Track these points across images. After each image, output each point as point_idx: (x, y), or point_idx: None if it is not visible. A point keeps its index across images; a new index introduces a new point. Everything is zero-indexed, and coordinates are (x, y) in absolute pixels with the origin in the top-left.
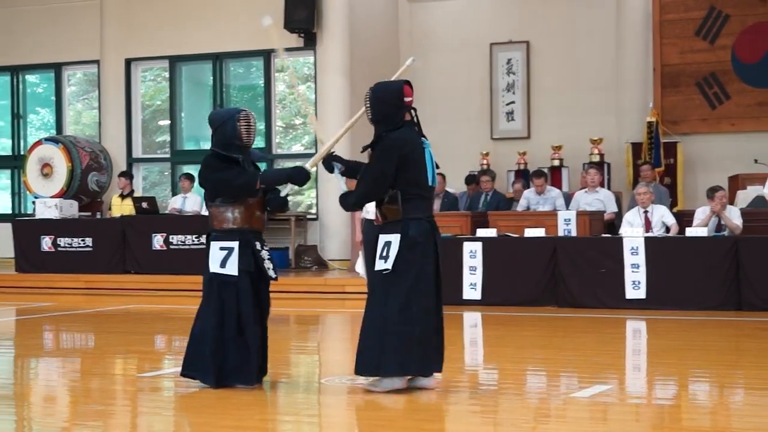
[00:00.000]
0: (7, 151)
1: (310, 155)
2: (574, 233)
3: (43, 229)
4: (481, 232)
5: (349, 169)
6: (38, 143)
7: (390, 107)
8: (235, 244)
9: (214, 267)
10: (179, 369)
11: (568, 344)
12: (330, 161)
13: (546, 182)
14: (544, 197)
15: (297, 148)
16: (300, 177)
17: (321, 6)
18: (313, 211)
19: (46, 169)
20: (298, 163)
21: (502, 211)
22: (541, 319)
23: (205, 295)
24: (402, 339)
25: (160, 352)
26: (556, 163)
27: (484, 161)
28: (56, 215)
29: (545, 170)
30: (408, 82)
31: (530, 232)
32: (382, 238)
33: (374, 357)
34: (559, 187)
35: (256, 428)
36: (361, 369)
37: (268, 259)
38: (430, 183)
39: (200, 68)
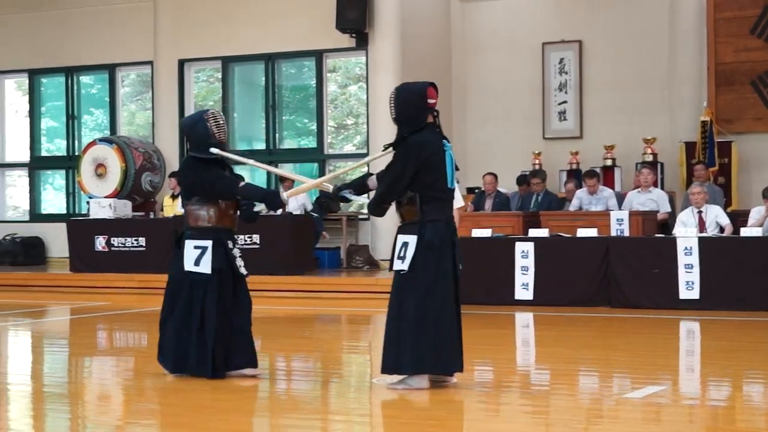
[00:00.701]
0: (62, 152)
1: (361, 155)
2: (626, 233)
3: (97, 229)
4: (533, 232)
5: (359, 187)
6: (92, 144)
7: (413, 108)
8: (208, 243)
9: (188, 265)
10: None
11: (620, 345)
12: (338, 195)
13: (598, 182)
14: (597, 197)
15: (349, 148)
16: (273, 202)
17: (373, 6)
18: (365, 211)
19: (100, 170)
20: (349, 163)
21: (554, 211)
22: (593, 320)
23: (175, 289)
24: (418, 338)
25: None
26: (609, 162)
27: (536, 161)
28: (110, 215)
29: (597, 170)
30: (433, 84)
31: (582, 232)
32: (400, 239)
33: (393, 356)
34: (612, 187)
35: (307, 427)
36: (383, 368)
37: (240, 256)
38: (449, 185)
39: (252, 69)
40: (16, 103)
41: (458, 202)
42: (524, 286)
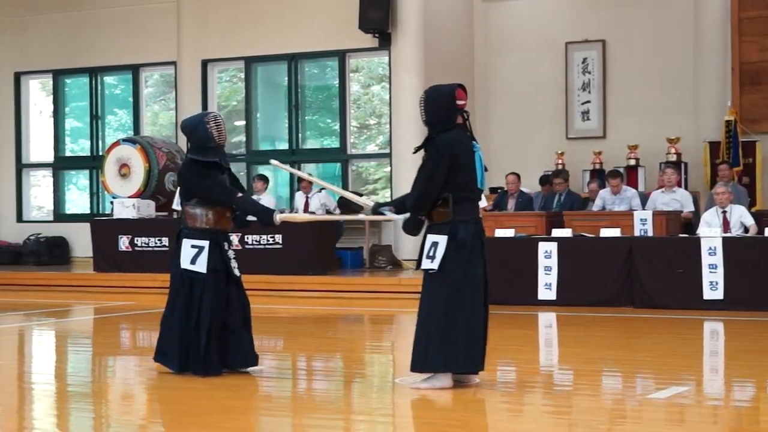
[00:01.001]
0: (86, 152)
1: (384, 155)
2: (650, 233)
3: (120, 229)
4: (557, 232)
5: (398, 205)
6: (116, 144)
7: (443, 110)
8: (205, 244)
9: (185, 263)
10: (255, 368)
11: (644, 345)
12: (376, 212)
13: (622, 182)
14: (620, 197)
15: (371, 148)
16: (264, 219)
17: (396, 6)
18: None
19: (123, 170)
20: (372, 163)
21: (577, 211)
22: (616, 320)
23: (175, 288)
24: (447, 337)
25: None
26: (632, 162)
27: (559, 161)
28: (134, 215)
29: (621, 170)
30: (461, 86)
31: (606, 232)
32: (430, 238)
33: (423, 354)
34: (635, 186)
35: (330, 427)
36: (412, 366)
37: (234, 258)
38: (479, 186)
39: (275, 69)
40: (41, 103)
41: (482, 202)
42: (547, 286)
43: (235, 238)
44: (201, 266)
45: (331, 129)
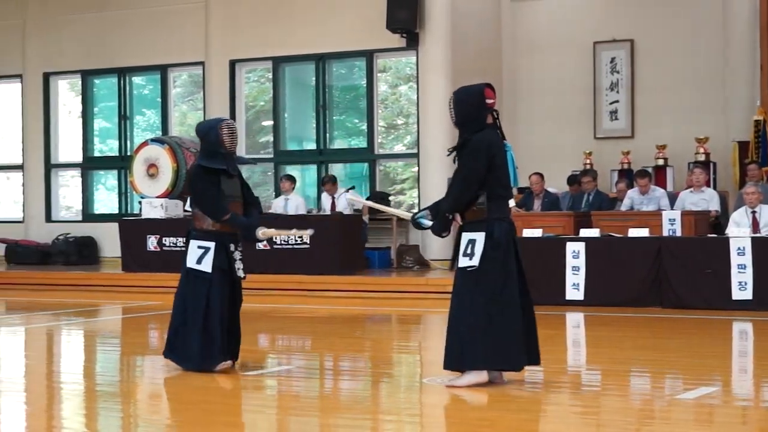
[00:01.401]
0: (114, 152)
1: (412, 155)
2: (679, 233)
3: (148, 229)
4: (585, 232)
5: (434, 209)
6: (144, 144)
7: (474, 109)
8: (211, 245)
9: (190, 263)
10: (283, 368)
11: (672, 345)
12: (414, 220)
13: (650, 182)
14: (648, 197)
15: (399, 148)
16: (248, 234)
17: (423, 6)
18: (415, 211)
19: (152, 170)
20: (399, 163)
21: (605, 211)
22: (645, 320)
23: (182, 286)
24: (488, 334)
25: (263, 351)
26: (661, 162)
27: (587, 161)
28: (162, 215)
29: (649, 170)
30: (489, 85)
31: (634, 232)
32: (465, 236)
33: (459, 351)
34: (664, 186)
35: (358, 427)
36: (447, 364)
37: (240, 259)
38: (512, 184)
39: (303, 69)
40: (70, 104)
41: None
42: (575, 286)
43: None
44: (206, 266)
45: (358, 129)
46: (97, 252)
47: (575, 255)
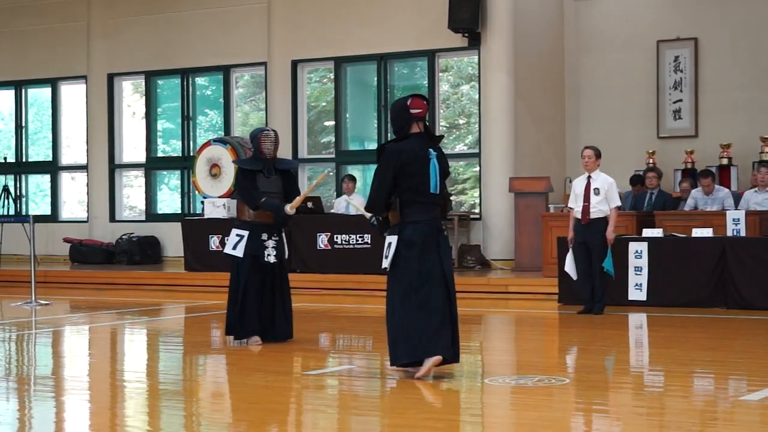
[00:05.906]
0: (177, 153)
1: (473, 155)
2: (743, 233)
3: (211, 229)
4: (647, 232)
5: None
6: (207, 144)
7: (398, 119)
8: (245, 233)
9: (228, 249)
10: (344, 367)
11: (737, 346)
12: (370, 222)
13: (714, 181)
14: (712, 197)
15: (460, 148)
16: (278, 215)
17: (485, 5)
18: (477, 210)
19: (214, 170)
20: (461, 163)
21: (668, 210)
22: (708, 321)
23: (230, 270)
24: (405, 329)
25: (324, 350)
26: (725, 161)
27: (650, 160)
28: (224, 215)
29: (713, 169)
30: (419, 95)
31: (698, 232)
32: (386, 240)
33: (391, 347)
34: (728, 186)
35: (420, 427)
36: (390, 361)
37: (273, 247)
38: (432, 190)
39: (365, 69)
40: (133, 105)
41: (615, 201)
42: (638, 286)
43: (324, 237)
44: (239, 251)
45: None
46: (160, 251)
47: (638, 255)
